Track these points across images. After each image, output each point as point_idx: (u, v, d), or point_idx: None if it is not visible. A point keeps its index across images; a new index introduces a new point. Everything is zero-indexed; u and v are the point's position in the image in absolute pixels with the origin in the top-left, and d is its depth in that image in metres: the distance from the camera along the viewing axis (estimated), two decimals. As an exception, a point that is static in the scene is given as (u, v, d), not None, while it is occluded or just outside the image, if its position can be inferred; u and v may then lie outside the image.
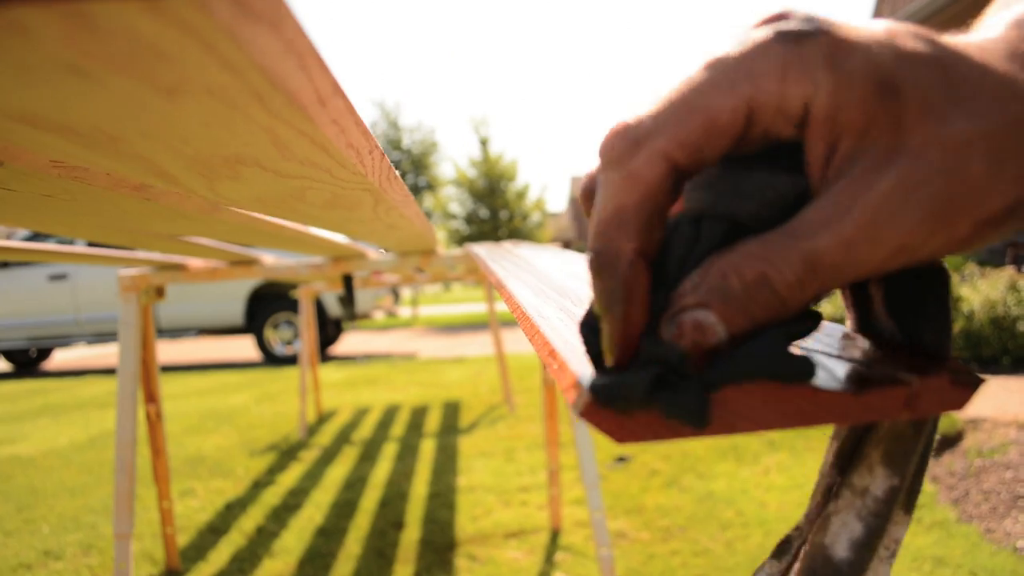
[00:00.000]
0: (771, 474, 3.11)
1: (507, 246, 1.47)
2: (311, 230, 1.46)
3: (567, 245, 38.45)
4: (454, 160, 20.01)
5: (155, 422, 2.29)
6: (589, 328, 0.26)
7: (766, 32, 0.23)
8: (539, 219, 19.33)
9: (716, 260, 0.23)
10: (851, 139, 0.22)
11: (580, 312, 0.36)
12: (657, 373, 0.23)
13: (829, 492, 0.30)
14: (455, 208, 19.42)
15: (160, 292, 2.12)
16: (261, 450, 4.15)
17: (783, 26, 0.23)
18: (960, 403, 0.24)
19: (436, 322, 15.52)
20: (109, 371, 8.99)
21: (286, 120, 0.28)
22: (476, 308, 18.88)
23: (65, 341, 9.24)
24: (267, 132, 0.30)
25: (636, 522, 2.66)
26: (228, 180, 0.41)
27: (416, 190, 23.49)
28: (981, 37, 0.25)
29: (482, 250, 1.27)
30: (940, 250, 0.23)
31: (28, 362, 10.31)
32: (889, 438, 0.27)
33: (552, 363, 0.29)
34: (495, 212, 18.80)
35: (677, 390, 0.23)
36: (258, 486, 3.43)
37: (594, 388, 0.23)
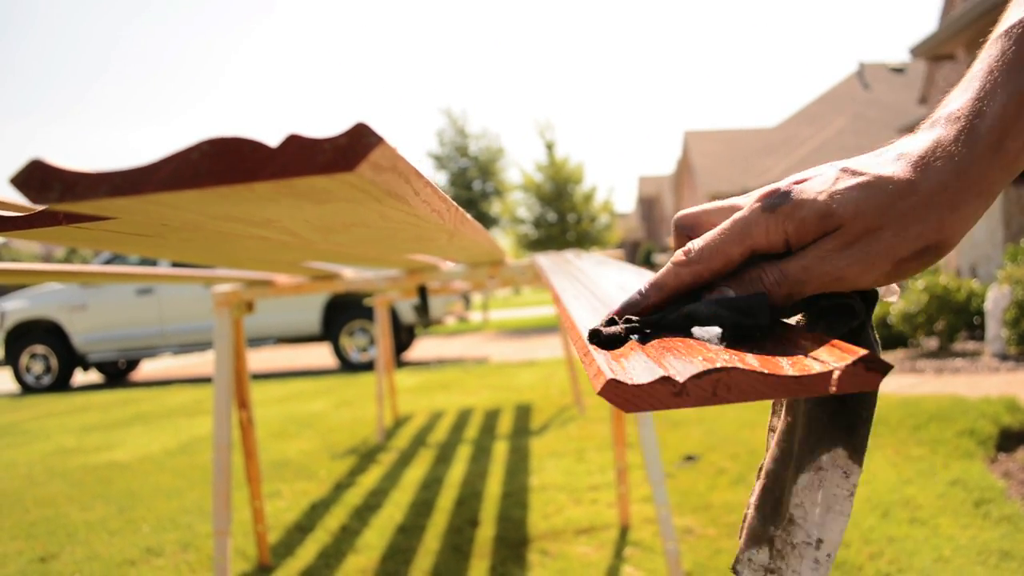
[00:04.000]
0: (839, 471, 3.13)
1: (568, 257, 1.58)
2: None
3: (636, 245, 38.21)
4: (520, 165, 20.15)
5: (247, 427, 2.46)
6: (610, 322, 0.45)
7: (758, 205, 0.43)
8: (607, 221, 19.29)
9: (748, 270, 0.43)
10: (809, 240, 0.41)
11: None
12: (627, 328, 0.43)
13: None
14: (523, 213, 19.53)
15: (250, 306, 2.29)
16: (341, 453, 4.33)
17: (767, 201, 0.42)
18: (873, 384, 0.33)
19: (506, 326, 15.68)
20: (194, 380, 9.36)
21: (391, 206, 0.40)
22: (545, 311, 18.99)
23: (152, 352, 9.66)
24: (377, 212, 0.42)
25: (703, 519, 2.73)
26: (340, 234, 0.54)
27: (484, 196, 23.72)
28: (903, 144, 0.42)
29: (545, 261, 1.39)
30: (874, 281, 0.41)
31: (117, 373, 10.79)
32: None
33: (584, 358, 0.41)
34: (563, 216, 18.83)
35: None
36: (340, 487, 3.60)
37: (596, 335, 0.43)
